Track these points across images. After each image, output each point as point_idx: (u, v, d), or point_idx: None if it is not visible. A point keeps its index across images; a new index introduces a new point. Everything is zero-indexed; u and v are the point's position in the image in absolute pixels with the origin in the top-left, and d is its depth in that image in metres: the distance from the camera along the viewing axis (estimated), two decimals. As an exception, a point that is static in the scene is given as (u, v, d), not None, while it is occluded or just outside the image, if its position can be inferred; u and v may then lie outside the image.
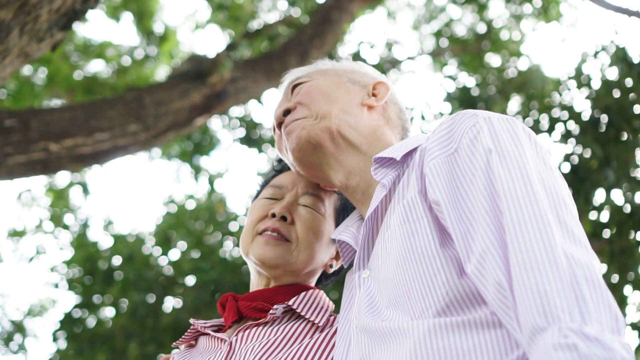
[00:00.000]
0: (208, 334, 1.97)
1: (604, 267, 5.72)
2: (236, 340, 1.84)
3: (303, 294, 1.96)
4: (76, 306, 7.84)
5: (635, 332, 5.67)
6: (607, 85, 6.04)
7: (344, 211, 2.10)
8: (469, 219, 1.36)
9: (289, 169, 2.12)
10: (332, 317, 1.93)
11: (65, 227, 9.59)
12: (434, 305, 1.37)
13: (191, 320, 2.04)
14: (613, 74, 6.15)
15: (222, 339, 1.89)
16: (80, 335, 7.60)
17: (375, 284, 1.61)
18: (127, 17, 9.69)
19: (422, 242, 1.44)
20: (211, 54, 5.89)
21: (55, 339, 7.67)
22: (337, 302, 2.09)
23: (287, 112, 1.91)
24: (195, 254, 7.99)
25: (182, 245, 8.35)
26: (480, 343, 1.29)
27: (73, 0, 3.02)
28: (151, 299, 7.58)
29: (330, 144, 1.82)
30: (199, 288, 7.52)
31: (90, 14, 8.63)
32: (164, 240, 8.42)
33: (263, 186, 2.20)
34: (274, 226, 1.98)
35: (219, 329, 2.05)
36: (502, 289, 1.23)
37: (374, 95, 1.95)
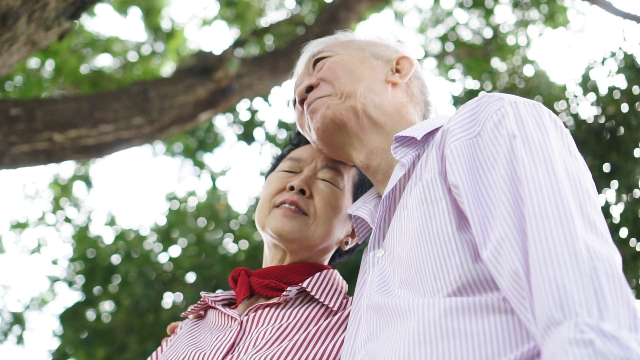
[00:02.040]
0: (218, 310, 1.94)
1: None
2: (247, 320, 1.81)
3: (317, 274, 1.92)
4: (78, 303, 7.86)
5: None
6: (612, 93, 6.03)
7: (361, 186, 2.07)
8: (487, 204, 1.33)
9: (306, 142, 2.09)
10: (345, 300, 1.90)
11: (68, 220, 9.61)
12: (446, 288, 1.35)
13: (202, 294, 2.01)
14: (621, 81, 6.15)
15: (232, 317, 1.86)
16: (80, 328, 7.61)
17: (389, 263, 1.59)
18: (135, 12, 9.72)
19: (438, 224, 1.42)
20: (218, 51, 5.90)
21: (56, 334, 7.69)
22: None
23: (309, 88, 1.87)
24: (196, 251, 8.02)
25: (183, 242, 8.37)
26: (490, 327, 1.26)
27: (81, -11, 3.04)
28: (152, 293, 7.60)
29: (355, 124, 1.79)
30: (200, 285, 7.54)
31: (99, 7, 8.65)
32: (165, 237, 8.43)
33: (279, 159, 2.16)
34: (292, 199, 1.94)
35: (230, 303, 2.02)
36: (518, 278, 1.20)
37: (397, 71, 1.92)
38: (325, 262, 2.09)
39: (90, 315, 7.91)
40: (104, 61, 9.35)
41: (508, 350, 1.23)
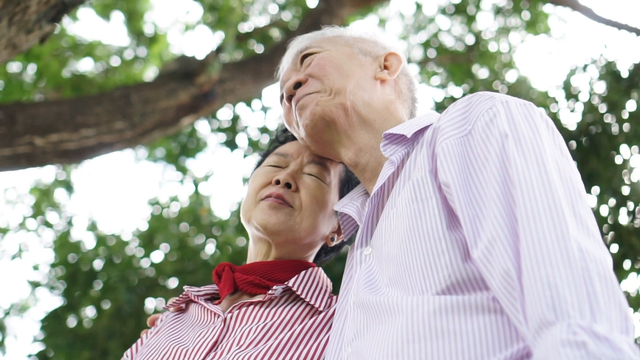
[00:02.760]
0: (201, 305, 1.92)
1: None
2: (231, 317, 1.79)
3: (303, 273, 1.91)
4: (59, 308, 7.80)
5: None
6: (592, 99, 6.08)
7: (348, 183, 2.07)
8: (478, 204, 1.32)
9: (293, 139, 2.08)
10: (330, 299, 1.89)
11: (49, 225, 9.54)
12: (434, 287, 1.34)
13: (185, 287, 1.99)
14: (601, 87, 6.20)
15: (216, 314, 1.84)
16: (61, 333, 7.56)
17: (376, 261, 1.58)
18: (118, 16, 9.68)
19: (428, 223, 1.41)
20: (200, 55, 5.90)
21: (37, 339, 7.63)
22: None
23: (297, 84, 1.86)
24: (179, 256, 7.99)
25: (165, 247, 8.34)
26: (480, 327, 1.26)
27: (63, -8, 3.02)
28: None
29: (344, 121, 1.78)
30: (182, 290, 7.49)
31: (81, 11, 8.62)
32: (147, 242, 8.40)
33: (266, 155, 2.16)
34: (277, 192, 1.94)
35: (213, 297, 2.01)
36: (509, 278, 1.19)
37: (385, 67, 1.91)
38: (311, 259, 2.09)
39: (72, 321, 7.86)
40: (86, 65, 9.31)
41: (497, 350, 1.22)
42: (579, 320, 1.07)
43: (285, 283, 1.85)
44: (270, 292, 1.82)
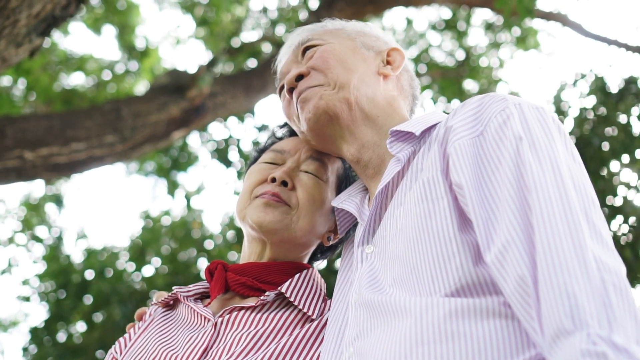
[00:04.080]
0: (191, 307, 1.87)
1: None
2: (221, 322, 1.75)
3: (297, 276, 1.86)
4: (47, 320, 7.76)
5: None
6: (580, 115, 6.11)
7: (346, 180, 2.02)
8: (491, 206, 1.30)
9: (290, 135, 2.04)
10: (324, 305, 1.84)
11: (39, 240, 9.50)
12: (443, 289, 1.31)
13: (174, 288, 1.94)
14: (591, 102, 6.24)
15: (206, 317, 1.79)
16: (51, 345, 7.52)
17: (379, 260, 1.55)
18: (109, 30, 9.70)
19: (439, 223, 1.38)
20: (191, 69, 5.91)
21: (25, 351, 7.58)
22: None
23: (300, 77, 1.80)
24: (170, 270, 7.96)
25: (156, 261, 8.31)
26: (491, 331, 1.24)
27: (53, 6, 3.03)
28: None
29: (347, 116, 1.73)
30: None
31: (72, 25, 8.63)
32: (138, 255, 8.37)
33: (262, 151, 2.10)
34: (273, 190, 1.88)
35: (203, 296, 1.96)
36: (524, 284, 1.18)
37: (388, 63, 1.87)
38: (306, 259, 2.03)
39: (61, 336, 7.82)
40: (77, 79, 9.31)
41: (509, 356, 1.21)
42: (597, 330, 1.06)
43: (279, 288, 1.80)
44: (262, 298, 1.77)
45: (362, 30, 1.94)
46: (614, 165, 5.96)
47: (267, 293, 1.79)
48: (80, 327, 7.96)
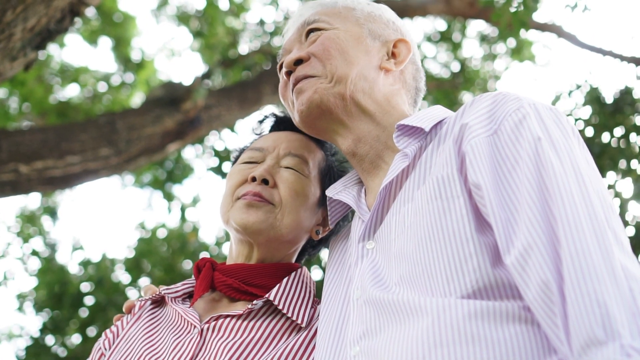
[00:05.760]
0: (177, 311, 1.84)
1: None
2: (208, 329, 1.72)
3: (285, 280, 1.83)
4: (42, 330, 7.73)
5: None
6: (576, 124, 6.12)
7: (329, 172, 2.00)
8: (509, 207, 1.27)
9: (271, 131, 2.02)
10: (313, 310, 1.81)
11: (35, 253, 9.47)
12: (459, 290, 1.28)
13: (160, 288, 1.91)
14: (586, 113, 6.24)
15: (192, 324, 1.76)
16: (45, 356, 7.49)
17: (383, 257, 1.51)
18: (105, 42, 9.71)
19: (454, 223, 1.34)
20: (187, 82, 5.91)
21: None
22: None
23: (299, 61, 1.76)
24: (166, 282, 7.94)
25: (153, 272, 8.29)
26: (512, 336, 1.21)
27: (47, 20, 3.03)
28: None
29: (341, 111, 1.69)
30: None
31: (67, 37, 8.63)
32: (135, 267, 8.35)
33: (242, 151, 2.07)
34: (255, 190, 1.84)
35: (190, 295, 1.92)
36: (547, 290, 1.15)
37: (393, 54, 1.80)
38: (295, 256, 2.00)
39: (56, 348, 7.79)
40: (72, 91, 9.31)
41: None
42: (630, 341, 1.04)
43: (266, 296, 1.76)
44: (250, 306, 1.74)
45: (373, 14, 1.86)
46: (610, 176, 5.96)
47: (254, 302, 1.75)
48: (76, 339, 7.93)
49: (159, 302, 1.95)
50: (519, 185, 1.28)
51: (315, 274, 6.87)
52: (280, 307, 1.75)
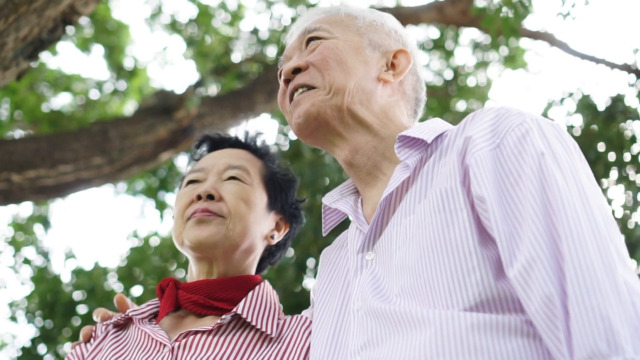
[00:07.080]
0: (146, 332, 1.82)
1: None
2: (178, 346, 1.72)
3: (250, 295, 1.85)
4: (34, 339, 7.70)
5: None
6: (569, 132, 6.13)
7: (272, 178, 2.06)
8: (512, 221, 1.28)
9: (208, 152, 2.09)
10: (280, 321, 1.83)
11: (27, 261, 9.43)
12: (462, 303, 1.29)
13: (128, 311, 1.89)
14: (578, 121, 6.27)
15: (162, 343, 1.75)
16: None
17: (383, 268, 1.51)
18: (98, 50, 9.69)
19: (458, 235, 1.35)
20: (179, 90, 5.91)
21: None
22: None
23: (298, 69, 1.75)
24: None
25: (145, 281, 8.26)
26: (514, 349, 1.22)
27: (40, 30, 3.02)
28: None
29: (337, 123, 1.69)
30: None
31: (60, 45, 8.62)
32: (127, 276, 8.32)
33: (184, 177, 2.11)
34: (202, 207, 1.89)
35: (156, 316, 1.91)
36: (550, 305, 1.15)
37: (392, 65, 1.78)
38: (254, 266, 2.04)
39: (49, 358, 7.76)
40: (64, 100, 9.29)
41: None
42: (633, 355, 1.05)
43: (234, 310, 1.78)
44: (219, 321, 1.75)
45: (375, 23, 1.85)
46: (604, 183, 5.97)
47: (223, 316, 1.77)
48: (68, 348, 7.89)
49: (121, 325, 1.94)
50: (523, 200, 1.29)
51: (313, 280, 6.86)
52: (249, 319, 1.77)
